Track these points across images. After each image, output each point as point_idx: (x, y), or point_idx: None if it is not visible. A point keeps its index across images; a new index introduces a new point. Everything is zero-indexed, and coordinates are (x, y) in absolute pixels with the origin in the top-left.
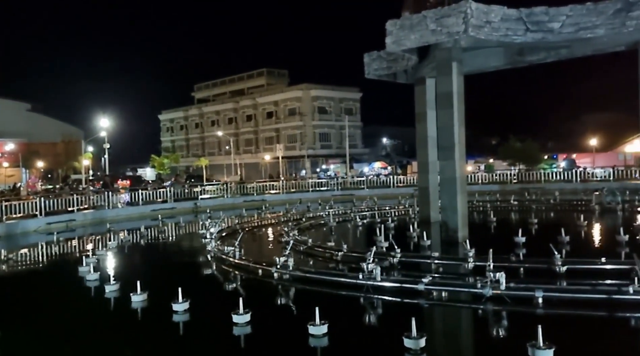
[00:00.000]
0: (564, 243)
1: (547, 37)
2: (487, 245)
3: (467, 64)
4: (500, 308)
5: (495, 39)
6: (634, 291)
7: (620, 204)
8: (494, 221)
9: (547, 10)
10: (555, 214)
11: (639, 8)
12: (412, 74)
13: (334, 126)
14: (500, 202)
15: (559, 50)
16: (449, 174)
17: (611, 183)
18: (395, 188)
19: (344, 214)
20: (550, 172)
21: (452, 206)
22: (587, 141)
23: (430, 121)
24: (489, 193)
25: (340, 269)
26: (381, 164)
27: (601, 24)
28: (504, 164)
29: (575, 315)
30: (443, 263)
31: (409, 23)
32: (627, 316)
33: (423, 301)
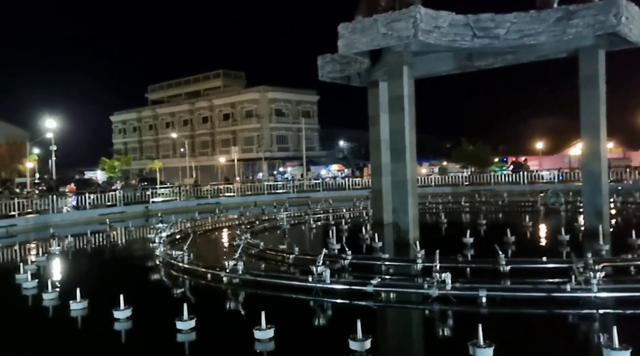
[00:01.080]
0: (509, 243)
1: (493, 43)
2: (437, 246)
3: (418, 68)
4: (446, 308)
5: (444, 44)
6: (571, 288)
7: (563, 204)
8: (445, 222)
9: (493, 17)
10: (503, 215)
11: (578, 16)
12: (366, 77)
13: (292, 129)
14: (452, 204)
15: (506, 56)
16: (401, 176)
17: (556, 184)
18: (351, 190)
19: (298, 216)
20: (501, 175)
21: (403, 208)
22: (534, 144)
23: (384, 124)
24: (442, 194)
25: (291, 272)
26: (338, 167)
27: (544, 31)
28: (457, 166)
29: (516, 313)
30: (393, 264)
31: (361, 26)
32: (565, 313)
33: (372, 303)
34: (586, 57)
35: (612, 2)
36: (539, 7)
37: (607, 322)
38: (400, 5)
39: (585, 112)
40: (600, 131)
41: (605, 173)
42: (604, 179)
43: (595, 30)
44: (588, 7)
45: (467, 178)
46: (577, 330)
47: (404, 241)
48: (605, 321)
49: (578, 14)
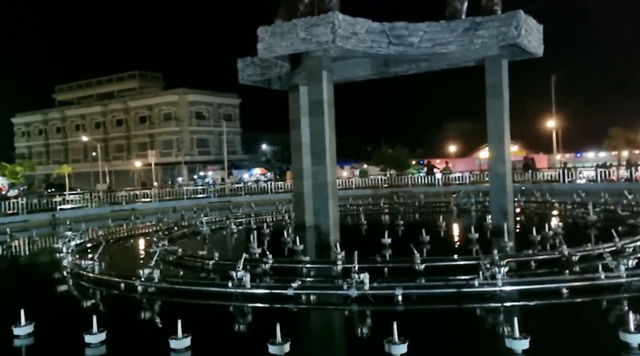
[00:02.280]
0: (424, 242)
1: (408, 51)
2: (357, 247)
3: (338, 73)
4: (365, 307)
5: (362, 50)
6: (479, 284)
7: (474, 205)
8: (365, 224)
9: (407, 25)
10: (420, 215)
11: (483, 28)
12: (286, 81)
13: (213, 132)
14: (371, 205)
15: (420, 63)
16: (321, 179)
17: (468, 186)
18: (273, 194)
19: (219, 221)
20: (418, 177)
21: (324, 211)
22: (448, 147)
23: (304, 127)
24: (362, 197)
25: (211, 278)
26: (261, 171)
27: (453, 40)
28: (377, 169)
29: (430, 309)
30: (314, 267)
31: (280, 30)
32: (473, 307)
33: (292, 306)
34: (491, 66)
35: (513, 15)
36: (449, 18)
37: (510, 314)
38: (319, 11)
39: (491, 118)
40: (505, 135)
41: (510, 175)
42: (509, 180)
43: (499, 41)
44: (492, 19)
45: (387, 180)
46: (484, 322)
47: (325, 243)
48: (508, 313)
49: (483, 26)
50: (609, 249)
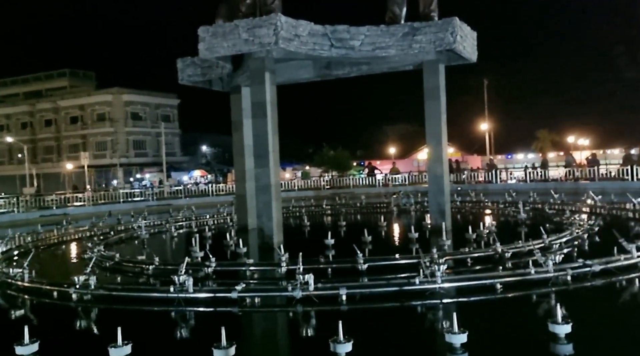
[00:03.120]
0: (367, 242)
1: (349, 54)
2: (300, 249)
3: (280, 75)
4: (310, 308)
5: (304, 52)
6: (419, 281)
7: (413, 205)
8: (308, 225)
9: (348, 28)
10: (362, 216)
11: (421, 33)
12: (228, 82)
13: (150, 133)
14: (314, 207)
15: (361, 66)
16: (264, 181)
17: (407, 186)
18: (214, 197)
19: (158, 225)
20: (359, 178)
21: (267, 213)
22: (388, 149)
23: (247, 129)
24: (305, 198)
25: (151, 283)
26: (201, 173)
27: (393, 44)
28: (319, 171)
29: (373, 308)
30: (258, 269)
31: (222, 31)
32: (414, 305)
33: (236, 309)
34: (429, 71)
35: (449, 21)
36: (388, 22)
37: (449, 310)
38: (260, 12)
39: (429, 121)
40: (442, 137)
41: (447, 175)
42: (446, 180)
43: (436, 46)
44: (429, 25)
45: (328, 181)
46: (425, 319)
47: (268, 245)
48: (448, 309)
49: (421, 31)
50: (538, 246)
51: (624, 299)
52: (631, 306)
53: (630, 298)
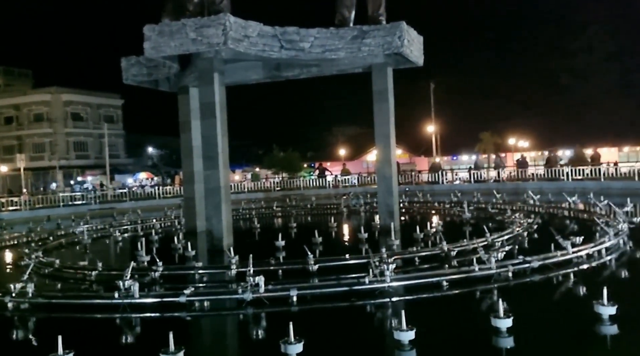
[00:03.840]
0: (317, 243)
1: (299, 55)
2: (251, 251)
3: (230, 76)
4: (260, 310)
5: (254, 53)
6: (369, 281)
7: (363, 206)
8: (258, 227)
9: (298, 30)
10: (312, 217)
11: (370, 37)
12: (175, 82)
13: (92, 135)
14: (264, 209)
15: (311, 68)
16: (214, 183)
17: (356, 187)
18: (161, 199)
19: (102, 229)
20: (309, 180)
21: (216, 215)
22: (338, 150)
23: (195, 130)
24: (255, 200)
25: (94, 290)
26: (147, 175)
27: (342, 47)
28: (269, 173)
29: (324, 308)
30: (207, 273)
31: (169, 30)
32: (364, 304)
33: (185, 314)
34: (377, 74)
35: (396, 25)
36: (338, 25)
37: (398, 308)
38: (209, 12)
39: (377, 123)
40: (391, 139)
41: (396, 176)
42: (395, 181)
43: (384, 49)
44: (378, 28)
45: (279, 183)
46: (374, 317)
47: (218, 248)
48: (396, 307)
49: (370, 34)
50: (481, 244)
51: (560, 293)
52: (566, 300)
53: (565, 291)
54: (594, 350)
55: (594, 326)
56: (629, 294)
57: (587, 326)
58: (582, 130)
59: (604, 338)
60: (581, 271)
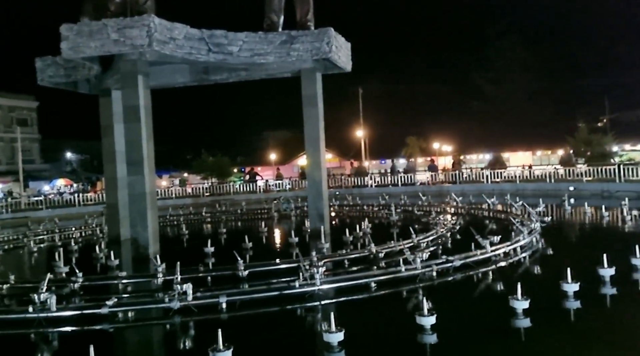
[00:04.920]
0: (248, 248)
1: (227, 59)
2: (179, 258)
3: (155, 78)
4: (188, 318)
5: (180, 56)
6: (299, 285)
7: (293, 210)
8: (186, 234)
9: (226, 34)
10: (242, 222)
11: (299, 42)
12: (96, 84)
13: (3, 139)
14: (193, 215)
15: (239, 72)
16: (139, 189)
17: (287, 192)
18: (82, 207)
19: (14, 240)
20: (240, 184)
21: (142, 222)
22: (269, 155)
23: (118, 134)
24: (183, 206)
25: (6, 304)
26: (65, 182)
27: (271, 52)
28: (198, 178)
29: (254, 314)
30: (132, 282)
31: (88, 30)
32: (295, 307)
33: (108, 326)
34: (307, 79)
35: (325, 31)
36: (266, 30)
37: (328, 310)
38: (132, 13)
39: (307, 127)
40: (320, 143)
41: (326, 180)
42: (325, 185)
43: (313, 55)
44: (306, 34)
45: (208, 188)
46: (305, 321)
47: (143, 256)
48: (326, 310)
49: (298, 40)
50: (407, 245)
51: (479, 290)
52: (485, 296)
53: (484, 288)
54: (509, 342)
55: (510, 320)
56: (540, 289)
57: (504, 320)
58: (499, 135)
59: (518, 330)
60: (499, 269)
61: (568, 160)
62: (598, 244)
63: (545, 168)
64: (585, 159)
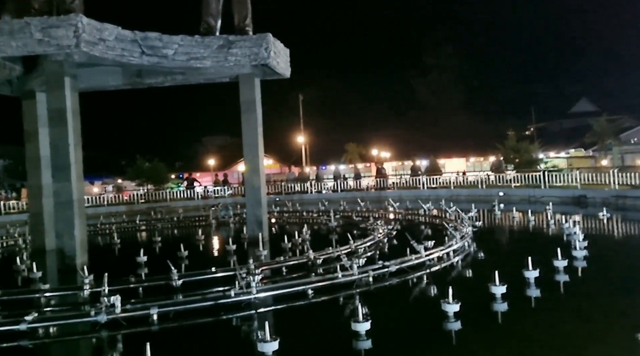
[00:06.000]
0: (183, 257)
1: (162, 62)
2: (108, 269)
3: (85, 81)
4: (116, 332)
5: (112, 58)
6: (235, 294)
7: (232, 217)
8: (118, 243)
9: (160, 36)
10: (179, 230)
11: (237, 47)
12: (19, 85)
13: None
14: (126, 223)
15: (175, 76)
16: (65, 197)
17: (226, 198)
18: (4, 216)
19: None
20: (177, 191)
21: (69, 232)
22: (208, 161)
23: (43, 139)
24: (116, 214)
25: None
26: None
27: (208, 56)
28: (133, 184)
29: (188, 325)
30: (55, 295)
31: (9, 28)
32: (230, 317)
33: (27, 343)
34: (245, 84)
35: (263, 37)
36: (203, 33)
37: (264, 319)
38: (58, 12)
39: (245, 133)
40: (259, 149)
41: (264, 186)
42: (263, 192)
43: (251, 60)
44: (244, 39)
45: (143, 195)
46: (240, 330)
47: (70, 267)
48: (263, 319)
49: (236, 45)
50: (345, 251)
51: (414, 294)
52: (419, 300)
53: (419, 292)
54: (440, 346)
55: (441, 323)
56: (471, 291)
57: (436, 324)
58: (435, 142)
59: (449, 333)
60: (433, 273)
61: (498, 167)
62: (524, 247)
63: (478, 174)
64: (514, 166)
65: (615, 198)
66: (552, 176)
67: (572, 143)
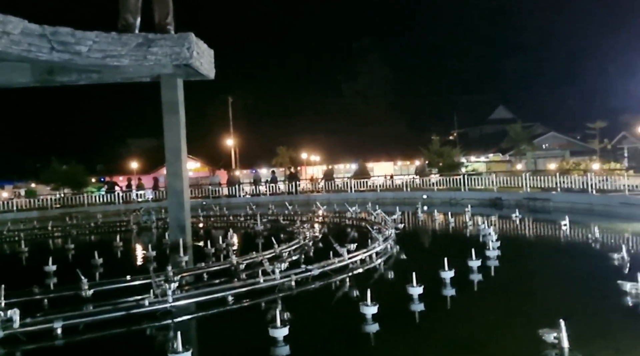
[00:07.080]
0: (98, 265)
1: (75, 59)
2: (8, 280)
3: None
4: (14, 349)
5: (17, 54)
6: (149, 303)
7: (155, 222)
8: (25, 251)
9: (73, 32)
10: (95, 236)
11: (157, 45)
12: None
13: None
14: (37, 229)
15: (90, 74)
16: None
17: (150, 203)
18: None
19: None
20: (98, 195)
21: None
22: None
23: None
24: (26, 220)
25: None
26: None
27: (126, 54)
28: (48, 188)
29: (97, 337)
30: None
31: None
32: (144, 327)
33: None
34: (167, 84)
35: (185, 36)
36: (121, 30)
37: (180, 328)
38: None
39: (168, 135)
40: (182, 152)
41: (187, 190)
42: (186, 196)
43: (173, 60)
44: (165, 38)
45: (59, 200)
46: (154, 341)
47: None
48: (178, 328)
49: (157, 43)
50: (269, 256)
51: (336, 297)
52: (341, 304)
53: (341, 296)
54: (357, 349)
55: (360, 326)
56: (390, 293)
57: (355, 326)
58: (363, 146)
59: (367, 336)
60: (355, 276)
61: (423, 170)
62: (443, 248)
63: (404, 178)
64: (438, 170)
65: (527, 200)
66: (472, 180)
67: (491, 148)
